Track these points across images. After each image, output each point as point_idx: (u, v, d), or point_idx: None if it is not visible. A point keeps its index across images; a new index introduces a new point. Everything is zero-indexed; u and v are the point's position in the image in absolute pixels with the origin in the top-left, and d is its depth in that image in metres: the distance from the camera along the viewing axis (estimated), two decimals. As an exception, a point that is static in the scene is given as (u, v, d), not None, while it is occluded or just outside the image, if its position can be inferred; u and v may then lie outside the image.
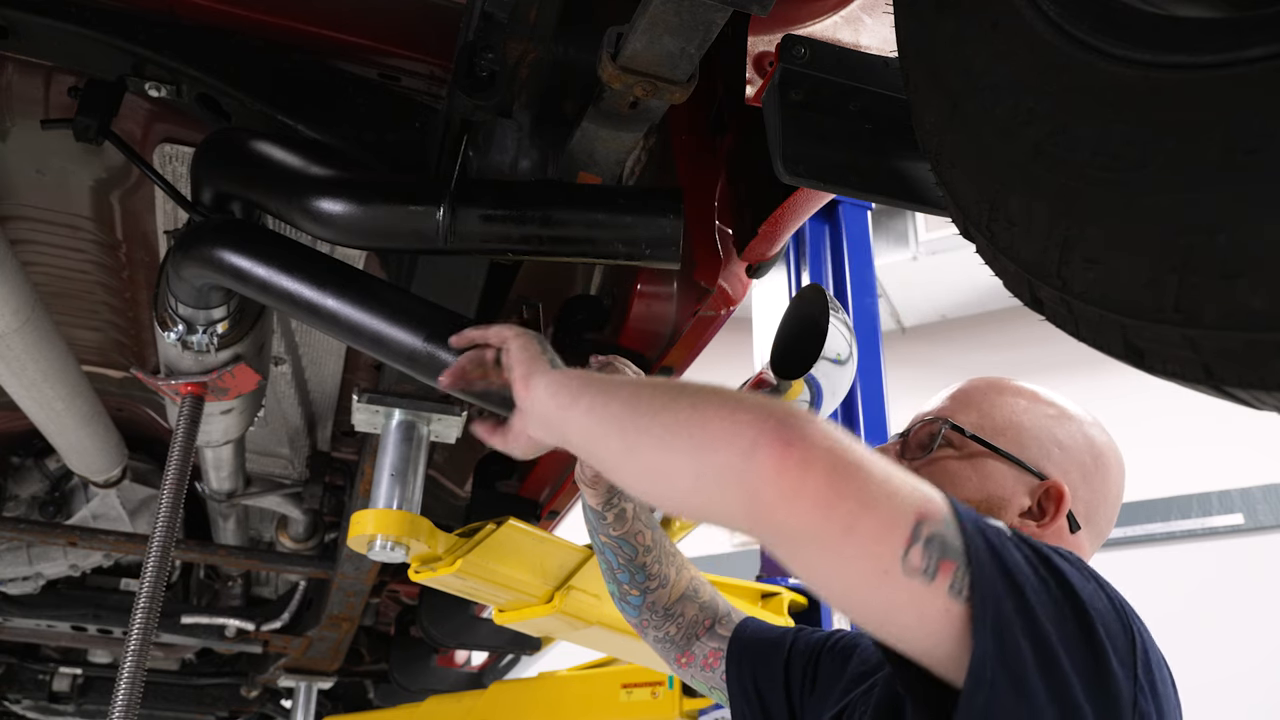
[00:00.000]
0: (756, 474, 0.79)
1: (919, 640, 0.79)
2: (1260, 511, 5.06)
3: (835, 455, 0.78)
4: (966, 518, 0.80)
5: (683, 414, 0.86)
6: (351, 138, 1.30)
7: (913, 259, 5.74)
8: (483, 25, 1.11)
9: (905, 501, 0.77)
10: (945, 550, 0.77)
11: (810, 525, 0.77)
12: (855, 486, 0.77)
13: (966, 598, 0.77)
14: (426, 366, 1.23)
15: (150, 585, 1.40)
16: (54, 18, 1.23)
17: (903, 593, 0.76)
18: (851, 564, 0.77)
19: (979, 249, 0.78)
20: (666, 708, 2.49)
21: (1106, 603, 0.84)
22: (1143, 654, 0.84)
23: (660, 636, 1.40)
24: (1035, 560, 0.82)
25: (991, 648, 0.76)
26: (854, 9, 1.21)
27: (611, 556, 1.35)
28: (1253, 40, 0.56)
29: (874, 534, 0.76)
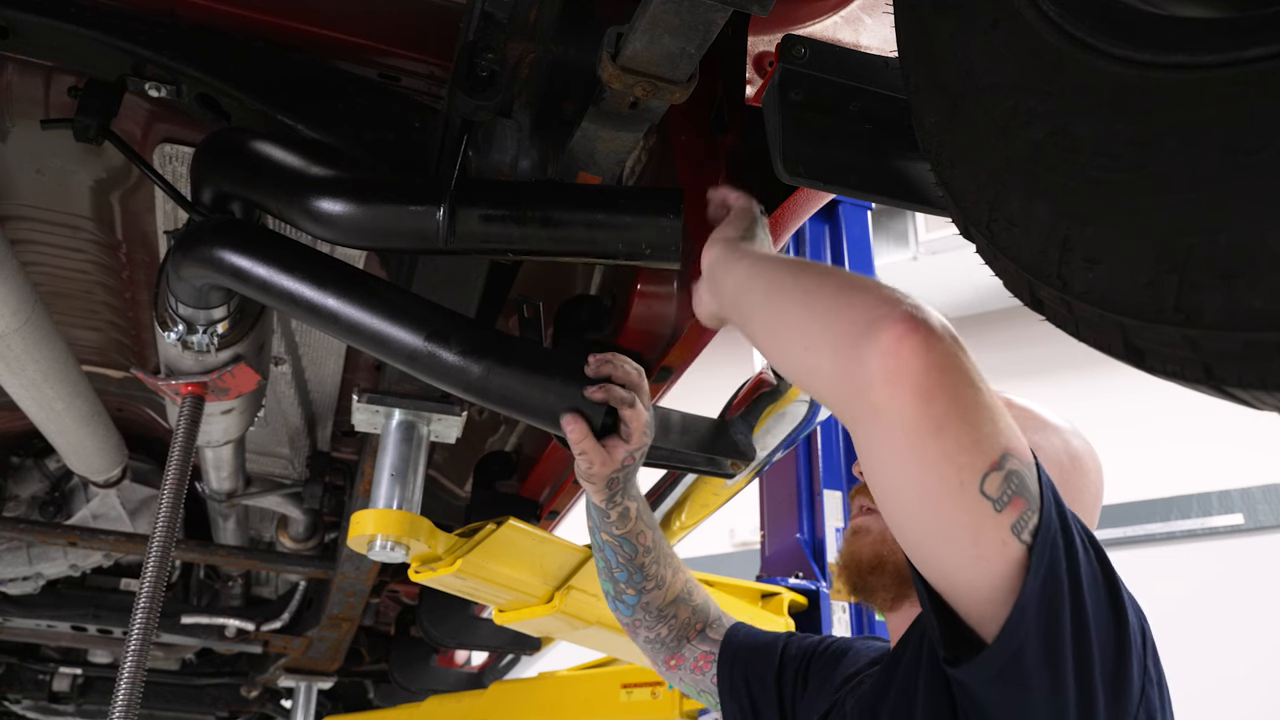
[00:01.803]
0: (873, 343, 0.79)
1: (966, 566, 0.79)
2: (1260, 511, 5.06)
3: (952, 357, 0.79)
4: (1045, 475, 0.81)
5: (830, 281, 0.90)
6: (351, 138, 1.29)
7: (913, 259, 5.74)
8: (483, 25, 1.11)
9: (1002, 430, 0.78)
10: (1022, 489, 0.78)
11: (904, 410, 0.78)
12: (960, 393, 0.78)
13: (1028, 543, 0.77)
14: (427, 365, 1.23)
15: (150, 585, 1.40)
16: (54, 18, 1.23)
17: (970, 512, 0.77)
18: (932, 465, 0.77)
19: (979, 249, 0.78)
20: (666, 708, 2.49)
21: (1129, 595, 0.86)
22: (1151, 646, 0.86)
23: (651, 638, 1.40)
24: (1088, 539, 0.83)
25: (1038, 596, 0.77)
26: (854, 9, 1.21)
27: (611, 555, 1.35)
28: (1253, 40, 0.56)
29: (963, 444, 0.77)
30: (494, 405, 1.26)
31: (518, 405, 1.24)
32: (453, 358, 1.22)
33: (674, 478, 2.10)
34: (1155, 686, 0.84)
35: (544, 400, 1.21)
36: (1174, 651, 4.02)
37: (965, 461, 0.76)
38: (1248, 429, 4.70)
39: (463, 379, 1.22)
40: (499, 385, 1.22)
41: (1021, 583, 0.77)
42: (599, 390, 1.19)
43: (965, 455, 0.76)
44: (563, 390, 1.21)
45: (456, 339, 1.22)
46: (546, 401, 1.21)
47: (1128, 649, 0.81)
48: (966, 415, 0.77)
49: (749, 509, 2.94)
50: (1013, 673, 0.78)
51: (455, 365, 1.22)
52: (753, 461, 1.71)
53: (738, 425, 1.70)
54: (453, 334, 1.22)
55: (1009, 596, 0.77)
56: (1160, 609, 4.81)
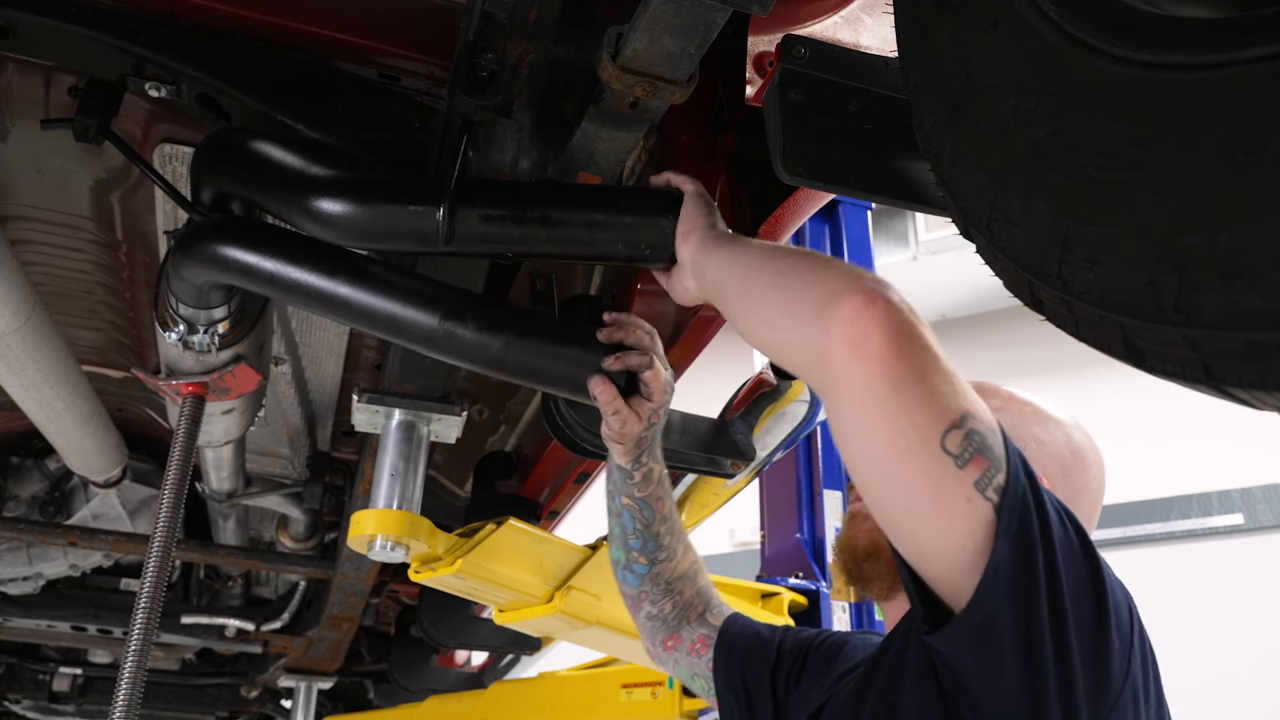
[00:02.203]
0: (835, 314, 0.85)
1: (933, 528, 0.81)
2: (1260, 511, 5.06)
3: (910, 326, 0.83)
4: (1014, 447, 0.83)
5: (798, 261, 0.96)
6: (351, 138, 1.29)
7: (913, 259, 5.75)
8: (483, 25, 1.11)
9: (961, 394, 0.82)
10: (984, 448, 0.80)
11: (865, 375, 0.82)
12: (919, 358, 0.82)
13: (993, 501, 0.79)
14: (445, 345, 1.25)
15: (151, 585, 1.40)
16: (54, 18, 1.23)
17: (932, 469, 0.79)
18: (893, 425, 0.81)
19: (979, 249, 0.78)
20: (666, 708, 2.49)
21: (1112, 574, 0.86)
22: (1139, 626, 0.87)
23: (654, 613, 1.41)
24: (1064, 512, 0.85)
25: (1009, 557, 0.78)
26: (854, 9, 1.21)
27: (629, 520, 1.37)
28: (1253, 40, 0.56)
29: (922, 404, 0.80)
30: (515, 378, 1.30)
31: (540, 377, 1.28)
32: (471, 335, 1.23)
33: (674, 478, 2.09)
34: (1141, 665, 0.85)
35: (565, 370, 1.26)
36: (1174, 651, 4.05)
37: (924, 420, 0.80)
38: (1248, 429, 4.70)
39: (482, 355, 1.25)
40: (519, 359, 1.25)
41: (992, 545, 0.78)
42: (614, 360, 1.24)
43: (924, 414, 0.80)
44: (583, 358, 1.25)
45: (472, 316, 1.24)
46: (568, 370, 1.26)
47: (1107, 622, 0.81)
48: (925, 378, 0.81)
49: (749, 509, 2.94)
50: (989, 637, 0.79)
51: (474, 342, 1.24)
52: (753, 461, 1.71)
53: (738, 425, 1.70)
54: (468, 312, 1.24)
55: (979, 559, 0.79)
56: (1160, 609, 4.84)
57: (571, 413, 1.52)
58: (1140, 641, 0.86)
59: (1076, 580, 0.81)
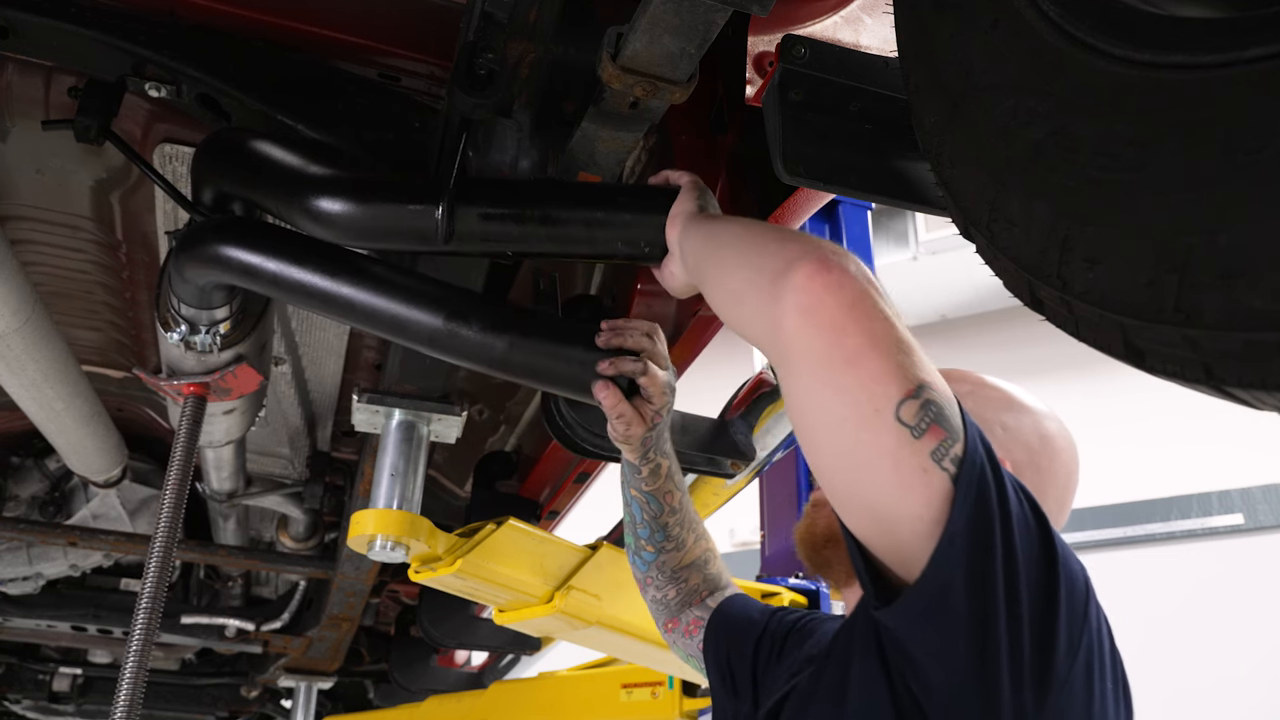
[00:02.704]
0: (787, 282, 0.83)
1: (889, 498, 0.79)
2: (1260, 511, 5.06)
3: (865, 294, 0.81)
4: (971, 420, 0.82)
5: (764, 233, 0.95)
6: (351, 138, 1.30)
7: (913, 259, 5.74)
8: (483, 25, 1.11)
9: (918, 364, 0.80)
10: (940, 419, 0.78)
11: (817, 344, 0.81)
12: (873, 326, 0.80)
13: (950, 472, 0.77)
14: (449, 346, 1.25)
15: (152, 586, 1.40)
16: (54, 18, 1.23)
17: (887, 439, 0.78)
18: (847, 395, 0.79)
19: (979, 249, 0.78)
20: (666, 708, 2.49)
21: (1067, 549, 0.84)
22: (1094, 601, 0.85)
23: (659, 598, 1.43)
24: (1019, 488, 0.83)
25: (965, 528, 0.76)
26: (854, 9, 1.21)
27: (637, 510, 1.38)
28: (1253, 40, 0.56)
29: (876, 374, 0.78)
30: (519, 378, 1.31)
31: (543, 377, 1.29)
32: (474, 335, 1.24)
33: (674, 478, 2.10)
34: (1097, 643, 0.83)
35: (569, 370, 1.26)
36: (1174, 651, 4.04)
37: (879, 390, 0.78)
38: (1248, 429, 4.70)
39: (486, 356, 1.25)
40: (523, 360, 1.26)
41: (948, 515, 0.77)
42: (608, 365, 1.24)
43: (879, 384, 0.78)
44: (586, 358, 1.25)
45: (476, 317, 1.24)
46: (571, 371, 1.26)
47: (1058, 598, 0.79)
48: (879, 348, 0.79)
49: (749, 509, 2.94)
50: (943, 608, 0.77)
51: (477, 342, 1.25)
52: (753, 461, 1.71)
53: (738, 425, 1.70)
54: (471, 312, 1.24)
55: (935, 529, 0.77)
56: (1160, 609, 4.82)
57: (571, 413, 1.53)
58: (1097, 619, 0.84)
59: (1030, 554, 0.79)
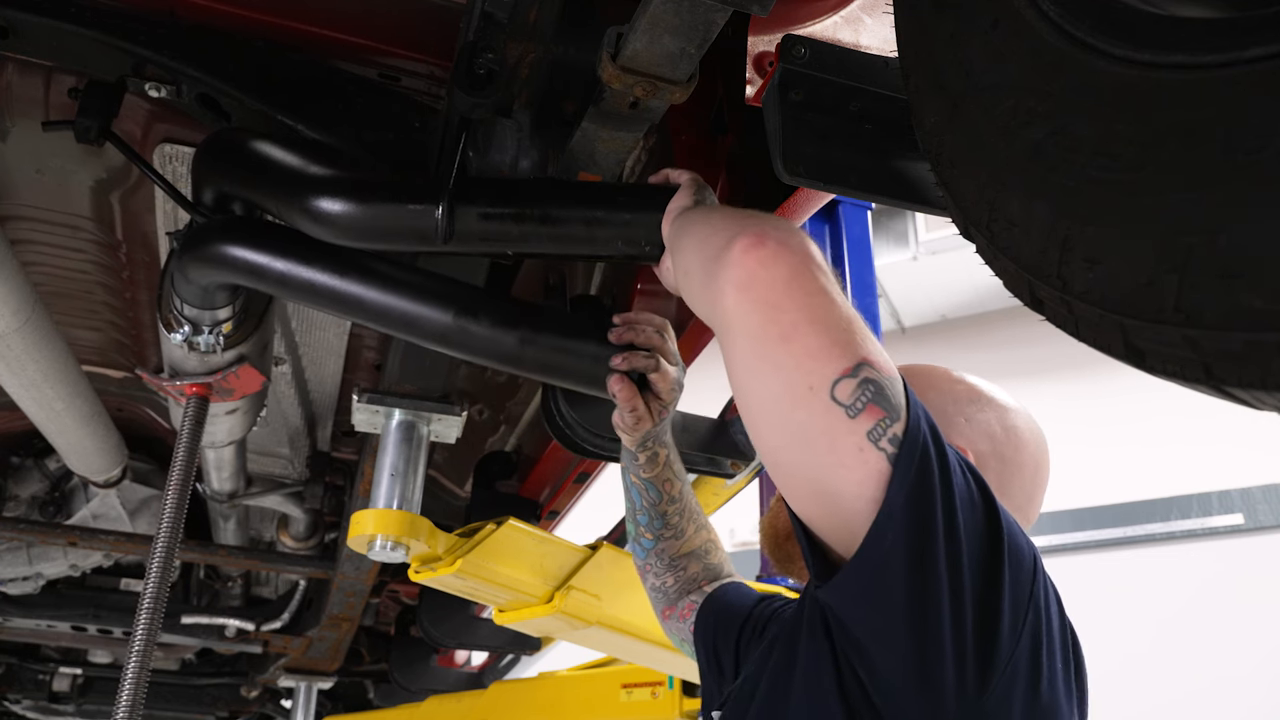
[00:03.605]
0: (725, 257, 0.83)
1: (826, 476, 0.78)
2: (1260, 511, 5.06)
3: (802, 270, 0.80)
4: (917, 401, 0.80)
5: (719, 215, 0.95)
6: (351, 138, 1.30)
7: (913, 259, 5.74)
8: (483, 25, 1.11)
9: (857, 342, 0.78)
10: (879, 398, 0.77)
11: (752, 320, 0.80)
12: (810, 302, 0.78)
13: (888, 452, 0.76)
14: (459, 342, 1.26)
15: (154, 586, 1.40)
16: (54, 18, 1.23)
17: (822, 418, 0.76)
18: (781, 372, 0.78)
19: (979, 249, 0.78)
20: (666, 708, 2.49)
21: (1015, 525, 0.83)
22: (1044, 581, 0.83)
23: (657, 585, 1.43)
24: (967, 469, 0.81)
25: (903, 505, 0.75)
26: (854, 9, 1.21)
27: (637, 496, 1.38)
28: (1253, 40, 0.56)
29: (811, 350, 0.77)
30: (530, 373, 1.32)
31: (555, 372, 1.30)
32: (485, 331, 1.25)
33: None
34: (1046, 623, 0.81)
35: (581, 365, 1.27)
36: (1174, 652, 4.04)
37: (813, 367, 0.77)
38: (1248, 429, 4.70)
39: (497, 352, 1.26)
40: (534, 354, 1.27)
41: (884, 496, 0.75)
42: (621, 360, 1.25)
43: (813, 361, 0.77)
44: (598, 353, 1.26)
45: (485, 313, 1.25)
46: (583, 366, 1.27)
47: (1000, 576, 0.78)
48: (816, 324, 0.78)
49: (749, 509, 2.94)
50: (879, 588, 0.76)
51: (488, 338, 1.25)
52: (753, 461, 1.71)
53: (738, 425, 1.70)
54: (481, 308, 1.25)
55: (872, 509, 0.75)
56: (1160, 609, 4.83)
57: (571, 412, 1.53)
58: (1045, 597, 0.83)
59: (974, 534, 0.77)
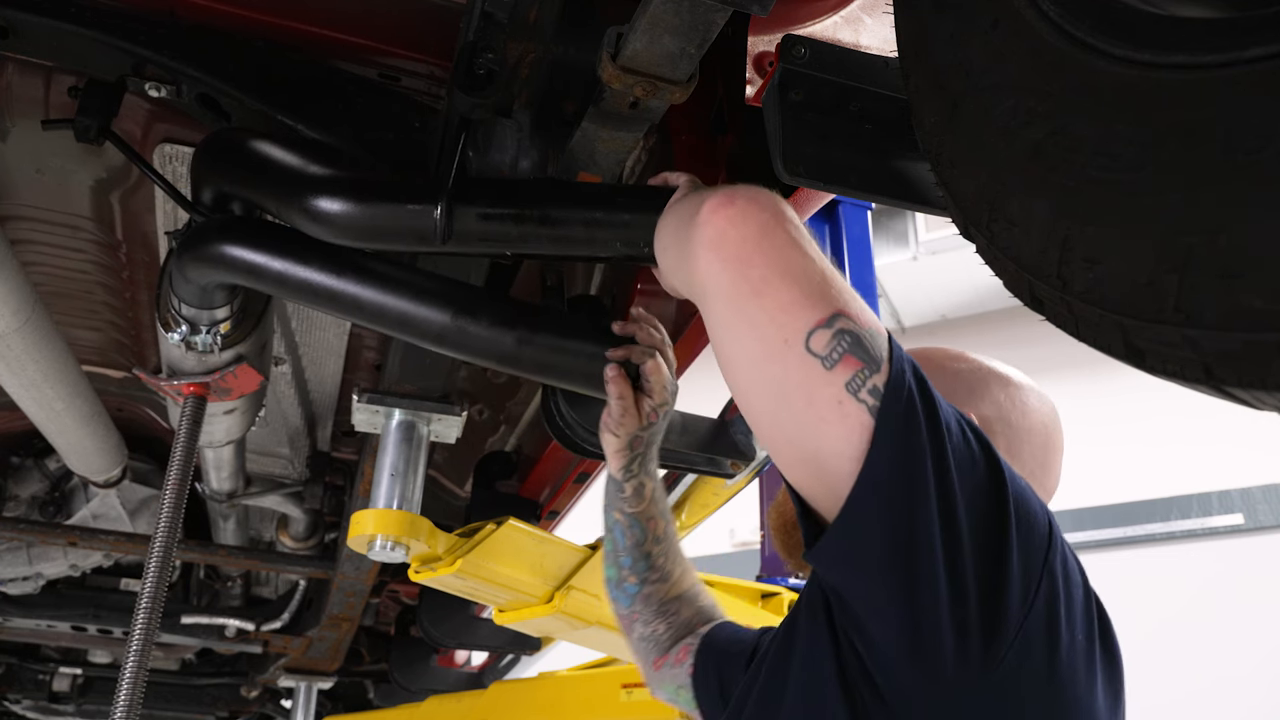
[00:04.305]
0: (695, 219, 0.84)
1: (808, 433, 0.76)
2: (1260, 511, 5.06)
3: (773, 226, 0.80)
4: (905, 355, 0.78)
5: (695, 191, 0.95)
6: (351, 138, 1.29)
7: (913, 259, 5.74)
8: (483, 25, 1.11)
9: (833, 295, 0.77)
10: (856, 348, 0.75)
11: (724, 278, 0.80)
12: (780, 255, 0.78)
13: (868, 404, 0.74)
14: (457, 342, 1.25)
15: (152, 586, 1.40)
16: (54, 18, 1.23)
17: (799, 371, 0.75)
18: (755, 328, 0.77)
19: (979, 249, 0.78)
20: (666, 708, 2.49)
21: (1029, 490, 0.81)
22: (1060, 546, 0.81)
23: (646, 634, 1.37)
24: (964, 420, 0.79)
25: (886, 462, 0.73)
26: (854, 9, 1.21)
27: (620, 537, 1.34)
28: (1253, 40, 0.56)
29: (783, 304, 0.77)
30: (528, 373, 1.32)
31: (553, 371, 1.30)
32: (483, 331, 1.25)
33: (674, 478, 2.10)
34: (1064, 586, 0.79)
35: (578, 364, 1.28)
36: (1174, 652, 4.04)
37: (786, 320, 0.76)
38: (1248, 429, 4.69)
39: (495, 352, 1.26)
40: (532, 354, 1.27)
41: (868, 450, 0.73)
42: (620, 350, 1.25)
43: (786, 314, 0.76)
44: (596, 352, 1.27)
45: (484, 312, 1.25)
46: (580, 365, 1.28)
47: (1008, 536, 0.75)
48: (788, 277, 0.77)
49: (749, 509, 2.94)
50: (867, 548, 0.73)
51: (487, 338, 1.25)
52: (753, 461, 1.71)
53: (738, 425, 1.70)
54: (479, 308, 1.25)
55: (856, 466, 0.73)
56: (1160, 609, 4.82)
57: (571, 412, 1.52)
58: (1064, 565, 0.80)
59: (974, 492, 0.74)
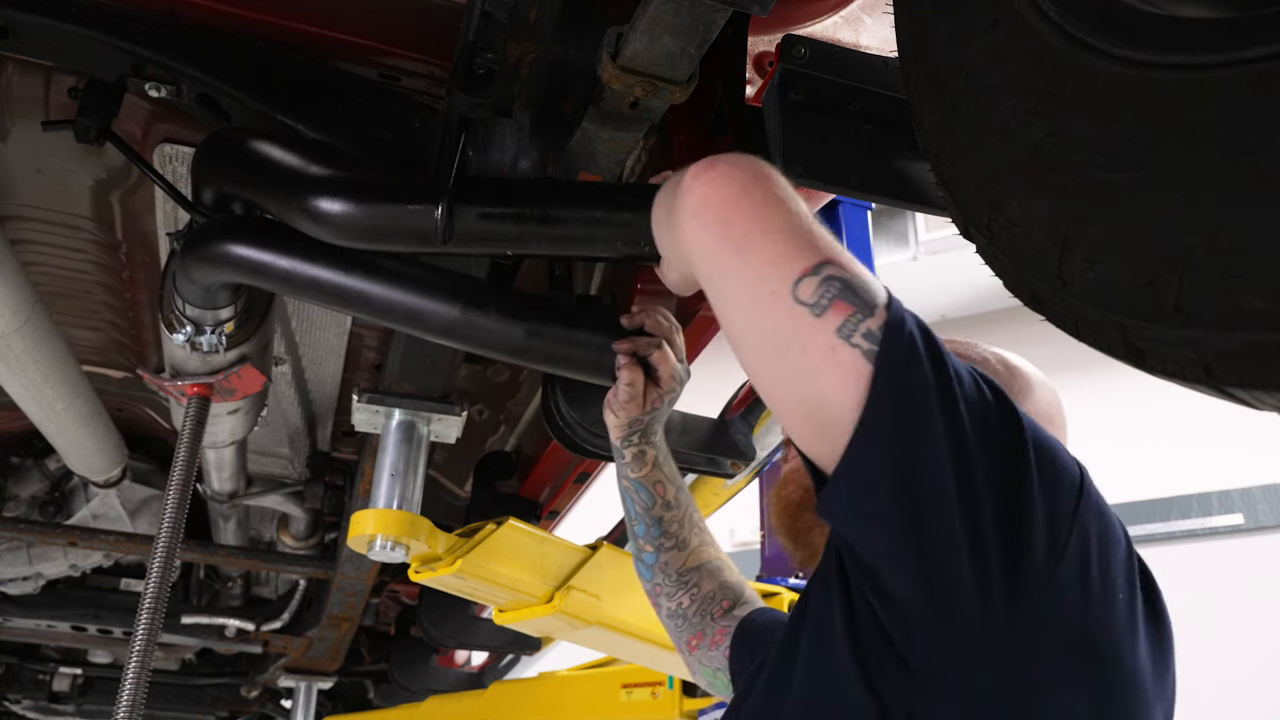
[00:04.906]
0: (679, 190, 0.86)
1: (805, 385, 0.76)
2: (1260, 511, 5.06)
3: (753, 185, 0.81)
4: (902, 303, 0.77)
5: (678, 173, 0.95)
6: (351, 138, 1.29)
7: (913, 259, 5.74)
8: (483, 25, 1.11)
9: (819, 246, 0.78)
10: (846, 293, 0.75)
11: (707, 241, 0.82)
12: (762, 212, 0.80)
13: (862, 348, 0.73)
14: (466, 335, 1.26)
15: (155, 586, 1.40)
16: (54, 18, 1.23)
17: (788, 319, 0.76)
18: (743, 286, 0.79)
19: (979, 249, 0.78)
20: (666, 708, 2.49)
21: (1055, 442, 0.80)
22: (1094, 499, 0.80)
23: (672, 609, 1.36)
24: (980, 378, 0.78)
25: (886, 406, 0.72)
26: (854, 9, 1.21)
27: (630, 504, 1.35)
28: (1253, 40, 0.56)
29: (767, 257, 0.78)
30: (537, 364, 1.34)
31: (563, 362, 1.31)
32: (492, 324, 1.25)
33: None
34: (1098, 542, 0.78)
35: (588, 355, 1.28)
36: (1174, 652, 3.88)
37: (771, 273, 0.77)
38: (1248, 429, 4.69)
39: (505, 344, 1.27)
40: (542, 345, 1.28)
41: (867, 394, 0.72)
42: (625, 341, 1.25)
43: (770, 266, 0.77)
44: (604, 343, 1.27)
45: (493, 305, 1.26)
46: (590, 355, 1.28)
47: (1028, 485, 0.73)
48: (770, 231, 0.78)
49: (749, 509, 2.94)
50: (871, 495, 0.72)
51: (496, 330, 1.26)
52: (753, 461, 1.71)
53: (738, 425, 1.70)
54: (487, 301, 1.26)
55: (856, 413, 0.72)
56: (1160, 609, 4.63)
57: (572, 413, 1.52)
58: (1100, 522, 0.79)
59: (987, 439, 0.73)
